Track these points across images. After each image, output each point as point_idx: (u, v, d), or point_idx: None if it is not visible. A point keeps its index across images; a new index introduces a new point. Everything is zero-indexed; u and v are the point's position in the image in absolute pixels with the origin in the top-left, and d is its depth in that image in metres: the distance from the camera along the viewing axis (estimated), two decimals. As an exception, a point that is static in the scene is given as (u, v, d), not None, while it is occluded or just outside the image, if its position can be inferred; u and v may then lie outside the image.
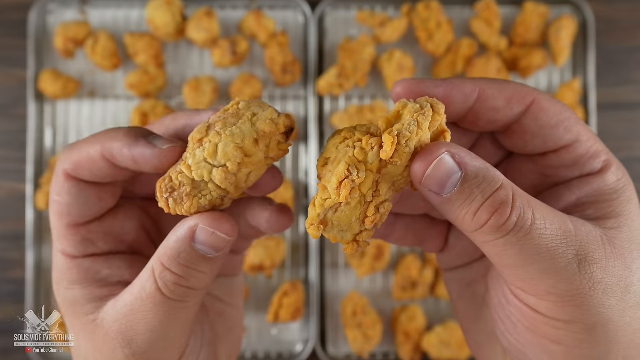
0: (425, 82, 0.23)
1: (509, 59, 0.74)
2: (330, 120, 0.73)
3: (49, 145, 0.73)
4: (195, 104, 0.71)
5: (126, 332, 0.24)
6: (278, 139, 0.23)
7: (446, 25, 0.72)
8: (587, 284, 0.21)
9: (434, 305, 0.74)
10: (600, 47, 0.74)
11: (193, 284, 0.24)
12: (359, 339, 0.68)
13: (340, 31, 0.74)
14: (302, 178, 0.74)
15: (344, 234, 0.22)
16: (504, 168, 0.28)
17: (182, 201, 0.22)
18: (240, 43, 0.70)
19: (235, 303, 0.31)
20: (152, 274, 0.23)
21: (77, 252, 0.25)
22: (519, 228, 0.20)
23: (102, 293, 0.25)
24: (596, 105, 0.73)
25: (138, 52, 0.71)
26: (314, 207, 0.21)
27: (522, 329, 0.24)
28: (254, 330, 0.72)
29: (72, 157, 0.24)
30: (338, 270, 0.73)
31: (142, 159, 0.23)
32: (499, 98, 0.23)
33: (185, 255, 0.23)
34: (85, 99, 0.73)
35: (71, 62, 0.74)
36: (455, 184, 0.20)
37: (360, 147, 0.21)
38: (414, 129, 0.20)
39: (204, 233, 0.23)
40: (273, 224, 0.26)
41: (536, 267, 0.21)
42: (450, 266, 0.30)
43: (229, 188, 0.22)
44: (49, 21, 0.74)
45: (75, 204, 0.25)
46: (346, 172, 0.20)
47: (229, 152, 0.21)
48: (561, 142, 0.24)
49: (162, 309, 0.23)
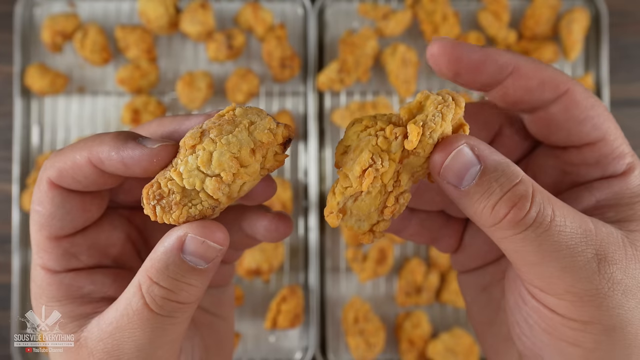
0: (461, 45, 0.22)
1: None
2: (331, 117, 0.72)
3: (35, 143, 0.72)
4: (189, 101, 0.70)
5: (112, 352, 0.23)
6: (275, 150, 0.23)
7: (452, 18, 0.71)
8: (606, 284, 0.21)
9: (439, 311, 0.73)
10: (613, 40, 0.73)
11: (183, 298, 0.23)
12: (360, 347, 0.67)
13: (341, 24, 0.74)
14: (302, 178, 0.73)
15: (361, 223, 0.22)
16: (525, 164, 0.27)
17: (171, 209, 0.22)
18: (237, 36, 0.69)
19: (225, 314, 0.30)
20: (139, 289, 0.23)
21: (59, 267, 0.24)
22: (538, 223, 0.20)
23: (85, 310, 0.24)
24: (609, 101, 0.72)
25: (129, 46, 0.70)
26: (333, 195, 0.21)
27: (539, 331, 0.23)
28: (251, 337, 0.71)
29: (56, 164, 0.23)
30: (339, 274, 0.72)
31: (131, 160, 0.22)
32: (533, 78, 0.23)
33: (174, 267, 0.22)
34: (73, 95, 0.72)
35: (59, 56, 0.73)
36: (473, 176, 0.21)
37: (384, 135, 0.21)
38: (439, 120, 0.20)
39: (193, 242, 0.22)
40: (272, 232, 0.26)
41: (555, 265, 0.21)
42: (465, 268, 0.30)
43: (221, 198, 0.22)
44: (36, 13, 0.73)
45: (58, 215, 0.24)
46: (370, 160, 0.20)
47: (224, 162, 0.21)
48: (586, 138, 0.23)
49: (150, 325, 0.23)
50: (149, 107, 0.70)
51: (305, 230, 0.72)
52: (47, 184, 0.24)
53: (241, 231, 0.27)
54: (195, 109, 0.71)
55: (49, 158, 0.24)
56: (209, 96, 0.71)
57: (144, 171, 0.22)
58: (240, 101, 0.70)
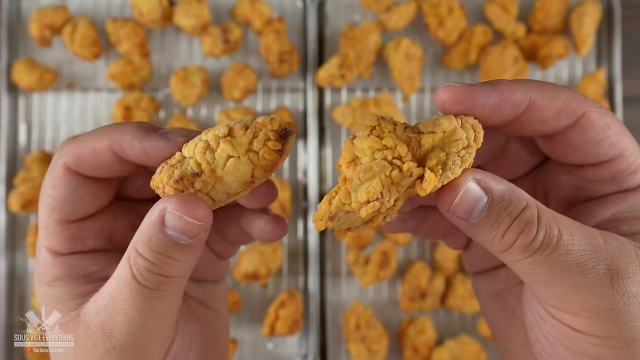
0: (474, 90, 0.23)
1: (526, 48, 0.72)
2: (331, 114, 0.71)
3: (23, 142, 0.71)
4: (183, 97, 0.69)
5: (106, 325, 0.24)
6: (269, 136, 0.24)
7: (458, 11, 0.70)
8: (621, 298, 0.21)
9: (444, 317, 0.72)
10: (626, 34, 0.72)
11: (168, 272, 0.24)
12: (362, 354, 0.67)
13: (342, 17, 0.73)
14: (301, 178, 0.72)
15: (342, 225, 0.24)
16: (536, 176, 0.28)
17: (162, 171, 0.24)
18: (233, 30, 0.69)
19: (220, 309, 0.32)
20: (128, 261, 0.24)
21: (65, 249, 0.26)
22: (545, 246, 0.21)
23: (86, 289, 0.26)
24: (622, 98, 0.71)
25: (121, 40, 0.70)
26: (328, 205, 0.22)
27: (559, 348, 0.24)
28: (248, 344, 0.71)
29: (74, 149, 0.25)
30: (340, 278, 0.72)
31: (154, 151, 0.24)
32: (549, 109, 0.23)
33: (157, 241, 0.23)
34: (63, 92, 0.72)
35: (48, 50, 0.72)
36: (482, 209, 0.22)
37: (400, 168, 0.21)
38: (457, 170, 0.22)
39: (172, 217, 0.23)
40: (267, 233, 0.28)
41: (566, 283, 0.22)
42: (476, 269, 0.31)
43: (205, 167, 0.23)
44: (23, 6, 0.72)
45: (71, 199, 0.25)
46: (379, 194, 0.21)
47: (216, 130, 0.23)
48: (603, 157, 0.24)
49: (138, 297, 0.24)
50: (141, 103, 0.69)
51: (305, 232, 0.71)
52: (62, 169, 0.25)
53: (239, 227, 0.29)
54: (189, 105, 0.70)
55: (63, 144, 0.26)
56: (204, 92, 0.70)
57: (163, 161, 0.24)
58: (237, 98, 0.70)
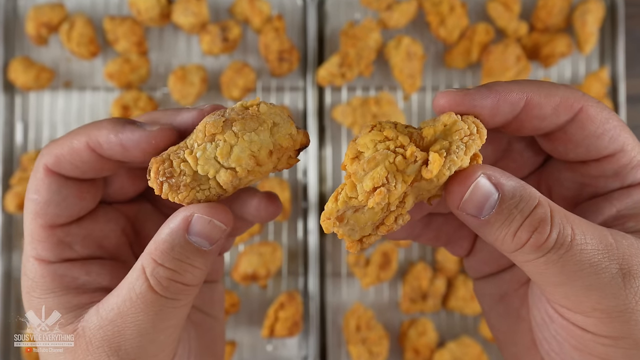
0: (471, 93, 0.23)
1: (529, 46, 0.72)
2: (332, 113, 0.71)
3: (19, 141, 0.71)
4: (181, 96, 0.69)
5: (113, 339, 0.24)
6: (290, 154, 0.24)
7: (460, 9, 0.70)
8: (633, 298, 0.21)
9: (446, 318, 0.72)
10: (630, 32, 0.73)
11: (188, 280, 0.24)
12: (363, 356, 0.67)
13: (342, 15, 0.73)
14: (301, 178, 0.72)
15: (354, 232, 0.23)
16: (539, 176, 0.28)
17: (179, 190, 0.23)
18: (232, 28, 0.69)
19: (216, 314, 0.32)
20: (142, 272, 0.24)
21: (53, 257, 0.25)
22: (559, 245, 0.21)
23: (81, 301, 0.25)
24: (625, 97, 0.71)
25: (118, 39, 0.70)
26: (335, 202, 0.22)
27: (568, 348, 0.24)
28: (247, 346, 0.71)
29: (53, 150, 0.25)
30: (340, 280, 0.72)
31: (130, 142, 0.24)
32: (546, 106, 0.23)
33: (179, 249, 0.23)
34: (60, 90, 0.72)
35: (44, 49, 0.72)
36: (493, 205, 0.22)
37: (403, 155, 0.21)
38: (461, 155, 0.21)
39: (200, 222, 0.23)
40: (261, 211, 0.28)
41: (579, 284, 0.21)
42: (479, 274, 0.31)
43: (229, 189, 0.24)
44: (20, 4, 0.72)
45: (54, 202, 0.25)
46: (384, 179, 0.21)
47: (242, 158, 0.23)
48: (605, 151, 0.24)
49: (154, 309, 0.24)
50: (139, 103, 0.69)
51: (305, 232, 0.71)
52: (43, 171, 0.25)
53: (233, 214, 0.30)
54: (188, 104, 0.69)
55: (45, 146, 0.25)
56: (203, 91, 0.70)
57: (142, 154, 0.24)
58: (235, 97, 0.70)
